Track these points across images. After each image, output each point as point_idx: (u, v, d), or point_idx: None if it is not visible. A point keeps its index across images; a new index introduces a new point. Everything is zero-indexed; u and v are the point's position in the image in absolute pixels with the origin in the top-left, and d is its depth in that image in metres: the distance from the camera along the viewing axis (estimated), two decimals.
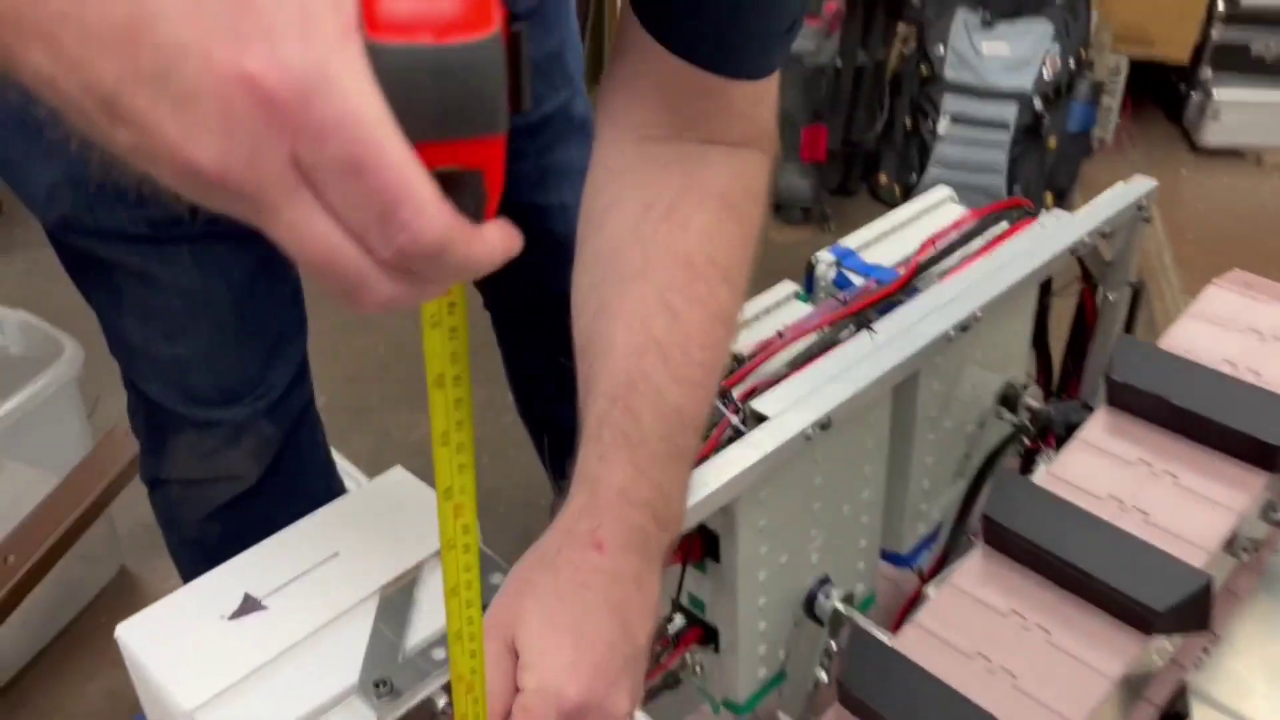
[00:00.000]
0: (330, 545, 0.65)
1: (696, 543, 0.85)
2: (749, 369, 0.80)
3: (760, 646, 0.91)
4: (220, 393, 0.90)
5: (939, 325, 0.85)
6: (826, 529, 0.91)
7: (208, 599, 0.62)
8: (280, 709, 0.56)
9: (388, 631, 0.60)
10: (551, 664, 0.53)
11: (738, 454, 0.74)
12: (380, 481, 0.70)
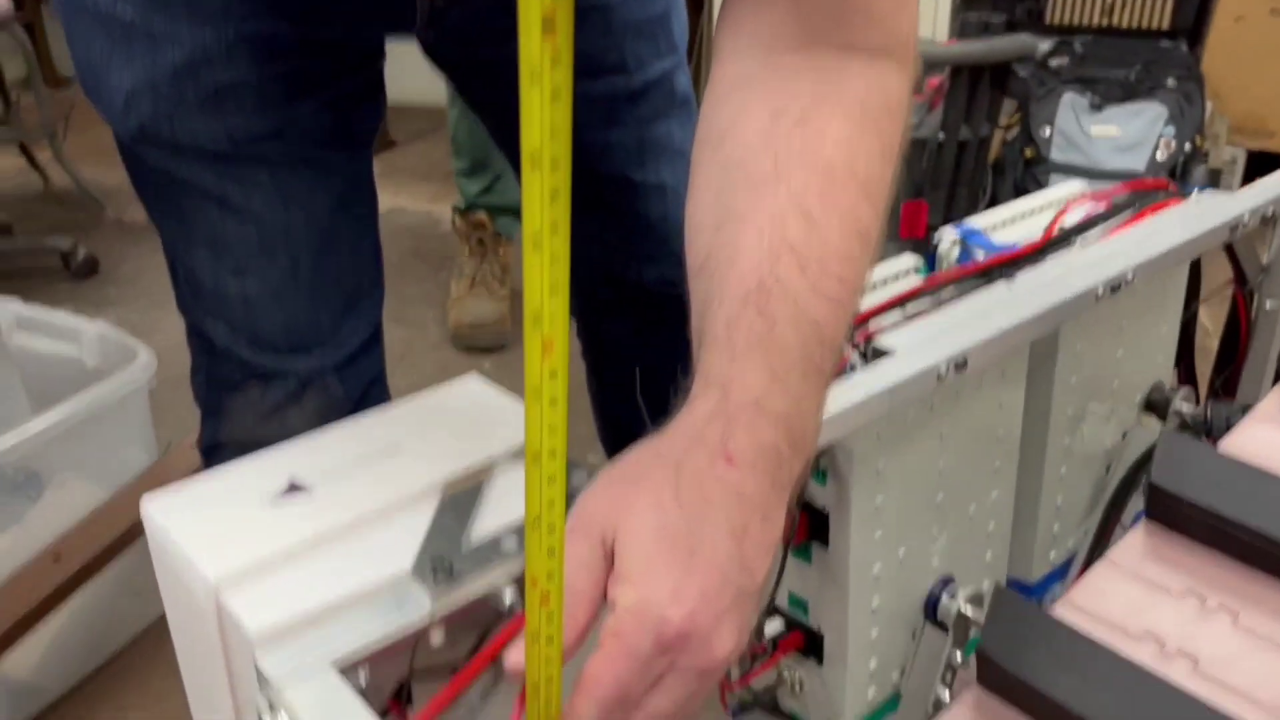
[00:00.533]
0: (391, 440, 0.57)
1: (801, 521, 0.75)
2: (872, 312, 0.72)
3: (871, 660, 0.80)
4: (289, 339, 0.85)
5: (1087, 280, 0.76)
6: (950, 529, 0.81)
7: (247, 481, 0.55)
8: (319, 590, 0.48)
9: (451, 520, 0.52)
10: (656, 581, 0.45)
11: (860, 379, 0.65)
12: (452, 385, 0.63)
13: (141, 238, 2.85)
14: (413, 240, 2.80)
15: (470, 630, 0.50)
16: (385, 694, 0.47)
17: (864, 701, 0.81)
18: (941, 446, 0.77)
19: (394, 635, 0.45)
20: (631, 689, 0.45)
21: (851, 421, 0.64)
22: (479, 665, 0.47)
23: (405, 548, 0.50)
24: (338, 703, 0.42)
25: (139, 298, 2.55)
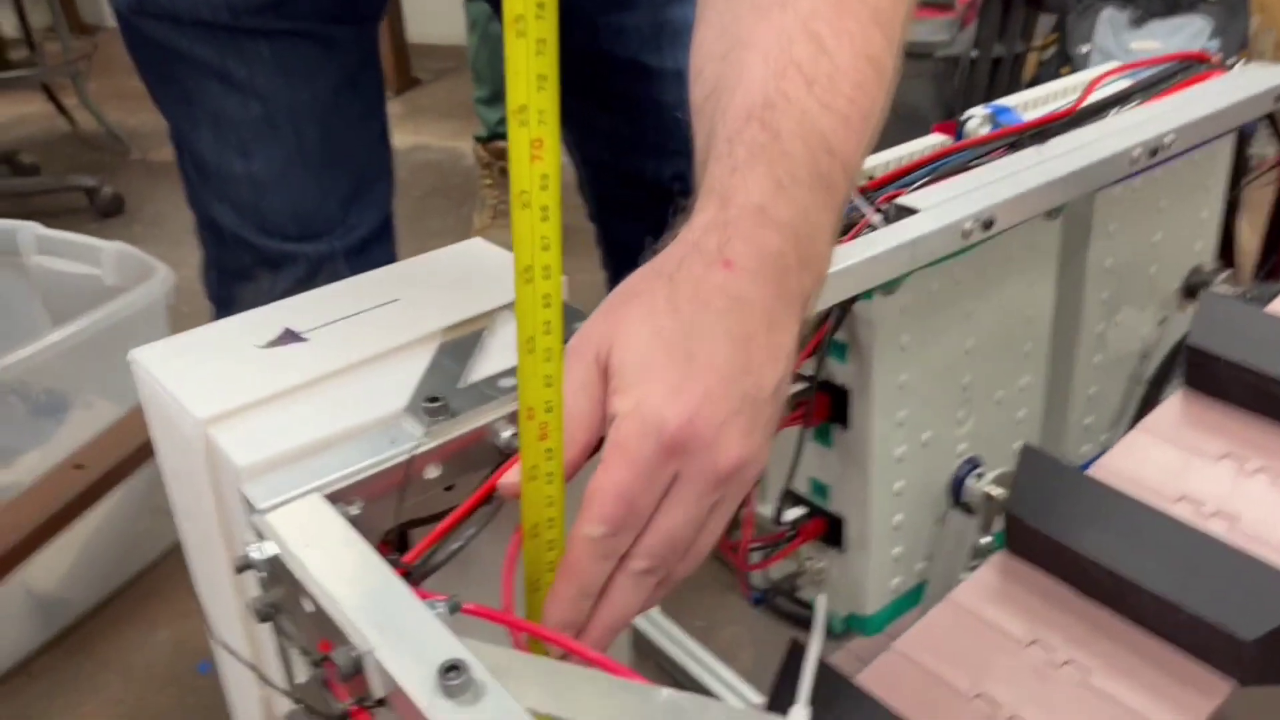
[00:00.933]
0: (391, 294, 0.56)
1: (821, 402, 0.73)
2: (896, 174, 0.69)
3: (895, 546, 0.78)
4: (297, 222, 0.83)
5: (1123, 142, 0.72)
6: (977, 413, 0.78)
7: (241, 332, 0.54)
8: (308, 426, 0.47)
9: (449, 363, 0.50)
10: (653, 385, 0.43)
11: (882, 235, 0.62)
12: (455, 247, 0.61)
13: (166, 178, 2.84)
14: (435, 177, 2.78)
15: (470, 476, 0.48)
16: (379, 535, 0.46)
17: (887, 590, 0.79)
18: (968, 325, 0.74)
19: (384, 464, 0.44)
20: (638, 501, 0.43)
21: (873, 275, 0.61)
22: (472, 503, 0.45)
23: (401, 391, 0.49)
24: (323, 525, 0.41)
25: (163, 237, 2.55)
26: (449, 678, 0.33)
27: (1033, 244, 0.76)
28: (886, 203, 0.66)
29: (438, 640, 0.35)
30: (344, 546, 0.40)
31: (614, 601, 0.45)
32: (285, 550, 0.40)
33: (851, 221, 0.65)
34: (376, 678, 0.36)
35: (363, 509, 0.44)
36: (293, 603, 0.41)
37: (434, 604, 0.38)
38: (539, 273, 0.41)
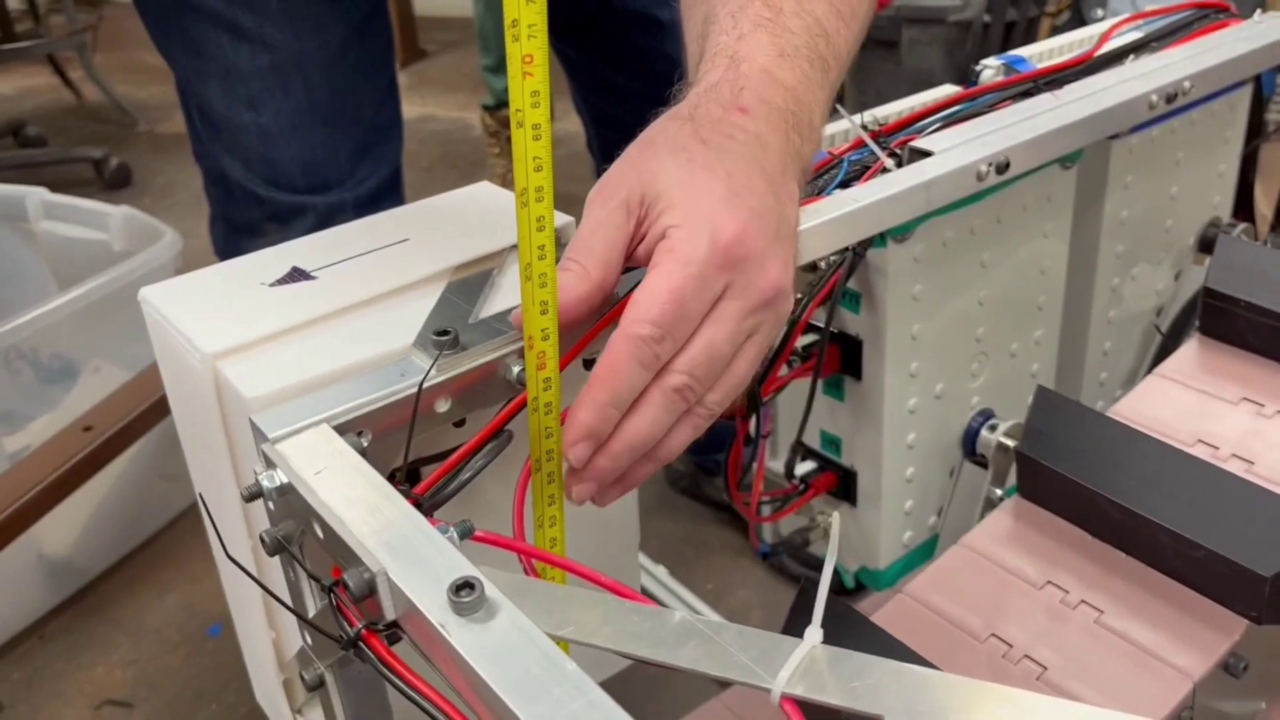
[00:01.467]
0: (400, 234, 0.56)
1: (832, 353, 0.72)
2: (909, 119, 0.69)
3: (907, 500, 0.78)
4: (306, 175, 0.83)
5: (1140, 88, 0.72)
6: (991, 366, 0.78)
7: (249, 271, 0.54)
8: (317, 360, 0.47)
9: (459, 299, 0.50)
10: (702, 198, 0.44)
11: (896, 176, 0.61)
12: (464, 190, 0.61)
13: (174, 151, 2.84)
14: (443, 147, 2.77)
15: (481, 413, 0.48)
16: (390, 470, 0.45)
17: (899, 544, 0.79)
18: (983, 276, 0.74)
19: (393, 396, 0.44)
20: (688, 305, 0.43)
21: (887, 217, 0.61)
22: (484, 436, 0.45)
23: (410, 327, 0.49)
24: (333, 454, 0.41)
25: (172, 209, 2.55)
26: (461, 595, 0.33)
27: (1048, 195, 0.75)
28: (900, 147, 0.66)
29: (449, 560, 0.35)
30: (354, 473, 0.40)
31: (642, 416, 0.44)
32: (295, 477, 0.40)
33: (864, 166, 0.64)
34: (388, 599, 0.36)
35: (372, 441, 0.44)
36: (303, 533, 0.41)
37: (445, 527, 0.38)
38: (532, 195, 0.41)
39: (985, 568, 0.54)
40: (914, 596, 0.53)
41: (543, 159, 0.41)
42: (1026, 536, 0.55)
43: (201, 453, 0.52)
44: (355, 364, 0.46)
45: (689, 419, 0.46)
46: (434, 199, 0.60)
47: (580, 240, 0.46)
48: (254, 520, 0.50)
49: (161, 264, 1.31)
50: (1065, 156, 0.73)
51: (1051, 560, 0.54)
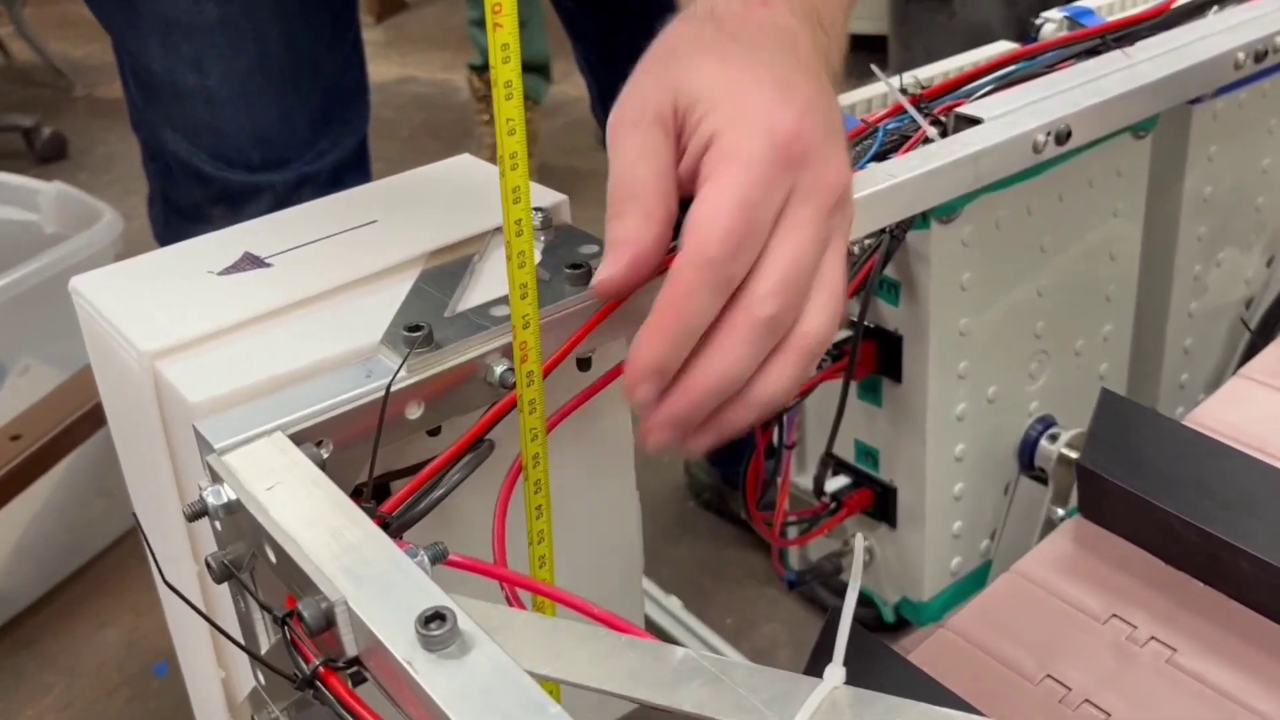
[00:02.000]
0: (369, 214, 0.56)
1: (868, 352, 0.73)
2: (956, 81, 0.69)
3: (954, 521, 0.78)
4: (261, 148, 0.84)
5: (1224, 44, 0.72)
6: (1053, 367, 0.79)
7: (196, 257, 0.54)
8: (270, 360, 0.47)
9: (433, 290, 0.51)
10: (748, 95, 0.45)
11: (939, 148, 0.62)
12: (442, 163, 0.62)
13: (117, 118, 2.85)
14: (425, 113, 2.78)
15: (459, 420, 0.48)
16: (354, 485, 0.46)
17: (945, 572, 0.80)
18: (1042, 262, 0.74)
19: (357, 401, 0.44)
20: (757, 211, 0.43)
21: (928, 195, 0.61)
22: (460, 447, 0.46)
23: (377, 322, 0.49)
24: (288, 466, 0.41)
25: (114, 184, 2.57)
26: (431, 628, 0.34)
27: (1118, 168, 0.75)
28: (945, 113, 0.66)
29: (418, 588, 0.36)
30: (312, 488, 0.40)
31: (725, 352, 0.44)
32: (244, 493, 0.40)
33: (903, 135, 0.65)
34: (349, 632, 0.36)
35: (334, 452, 0.44)
36: (254, 558, 0.42)
37: (414, 551, 0.38)
38: (507, 163, 0.42)
39: (1040, 599, 0.54)
40: (957, 631, 0.54)
41: (516, 121, 0.42)
42: (1088, 563, 0.56)
43: (140, 466, 0.52)
44: (315, 364, 0.47)
45: (792, 355, 0.45)
46: (407, 174, 0.60)
47: (622, 179, 0.46)
48: (199, 543, 0.51)
49: (99, 249, 1.32)
50: (1138, 124, 0.73)
51: (1117, 590, 0.54)
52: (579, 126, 2.57)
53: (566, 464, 0.53)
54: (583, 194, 0.70)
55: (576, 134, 2.56)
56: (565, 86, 2.65)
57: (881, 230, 0.66)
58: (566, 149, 2.49)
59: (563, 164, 2.42)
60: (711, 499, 1.43)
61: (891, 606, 0.82)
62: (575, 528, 0.55)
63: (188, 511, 0.41)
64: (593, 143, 2.48)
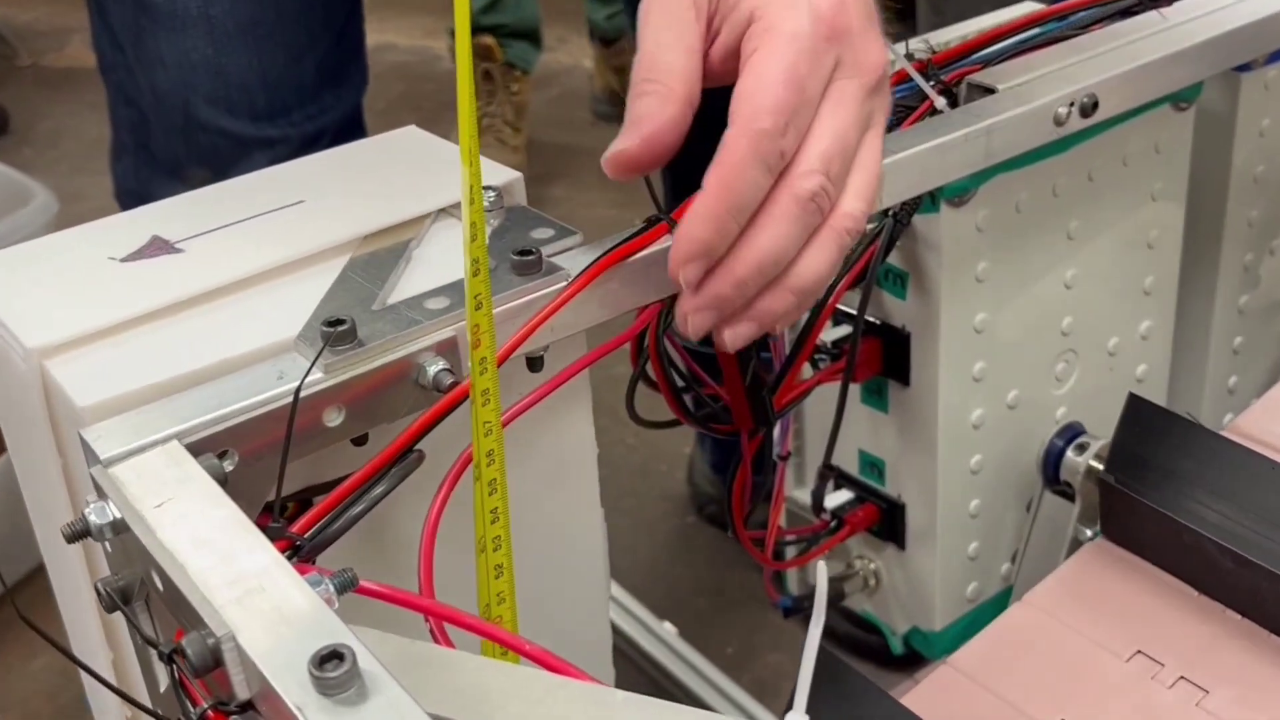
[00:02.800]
0: (298, 193, 0.56)
1: (871, 350, 0.72)
2: (969, 46, 0.68)
3: (970, 541, 0.78)
4: (265, 92, 0.84)
5: (1275, 4, 0.71)
6: (1082, 369, 0.78)
7: (98, 241, 0.53)
8: (171, 359, 0.46)
9: (361, 279, 0.50)
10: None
11: (948, 119, 0.61)
12: (386, 136, 0.61)
13: (63, 89, 2.87)
14: (403, 84, 2.78)
15: (389, 427, 0.47)
16: (263, 503, 0.45)
17: (960, 599, 0.79)
18: (1070, 250, 0.74)
19: (267, 405, 0.43)
20: (806, 84, 0.47)
21: (936, 173, 0.61)
22: (385, 457, 0.45)
23: (299, 315, 0.48)
24: (181, 480, 0.40)
25: (60, 161, 2.57)
26: (326, 669, 0.32)
27: (1156, 143, 0.75)
28: (955, 81, 0.65)
29: (316, 622, 0.34)
30: (207, 506, 0.39)
31: (768, 230, 0.47)
32: (130, 510, 0.39)
33: (908, 107, 0.64)
34: (239, 672, 0.35)
35: (240, 465, 0.43)
36: (143, 585, 0.41)
37: (317, 579, 0.37)
38: (467, 131, 0.41)
39: (1055, 632, 0.53)
40: (960, 669, 0.53)
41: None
42: (1110, 591, 0.55)
43: (33, 478, 0.51)
44: (222, 364, 0.46)
45: (830, 236, 0.49)
46: (341, 149, 0.60)
47: (646, 58, 0.49)
48: (99, 566, 0.50)
49: (27, 234, 1.31)
50: (1178, 94, 0.72)
51: (1142, 623, 0.53)
52: (573, 99, 2.57)
53: (519, 474, 0.52)
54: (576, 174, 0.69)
55: (570, 107, 2.55)
56: (559, 54, 2.64)
57: (884, 213, 0.65)
58: (559, 123, 2.48)
59: (554, 140, 2.41)
60: (716, 512, 1.43)
61: (900, 637, 0.81)
62: (529, 546, 0.54)
63: (67, 532, 0.41)
64: (588, 117, 2.48)
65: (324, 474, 0.48)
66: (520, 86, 2.33)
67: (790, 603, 0.82)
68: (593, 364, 0.53)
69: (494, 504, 0.47)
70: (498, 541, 0.48)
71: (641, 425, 0.67)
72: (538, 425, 0.53)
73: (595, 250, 0.52)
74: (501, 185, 0.55)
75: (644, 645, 1.23)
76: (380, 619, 0.41)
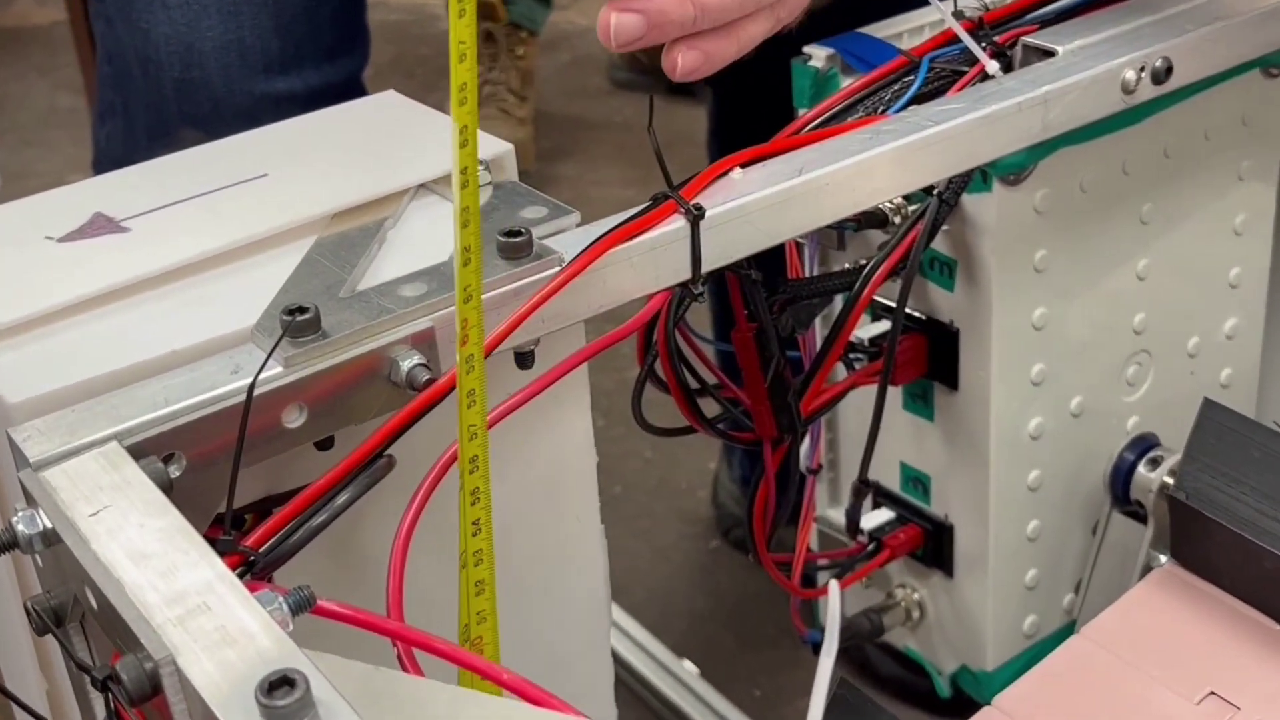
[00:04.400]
0: (256, 166, 0.57)
1: (914, 349, 0.72)
2: (1028, 2, 0.69)
3: (1028, 568, 0.79)
4: (279, 36, 0.85)
5: None
6: (1156, 372, 0.79)
7: (34, 217, 0.55)
8: (115, 352, 0.47)
9: (328, 263, 0.51)
10: None
11: (1000, 86, 0.62)
12: (359, 103, 0.63)
13: (8, 52, 2.89)
14: (396, 46, 2.79)
15: (357, 429, 0.48)
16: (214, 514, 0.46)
17: (1017, 634, 0.80)
18: (1143, 236, 0.75)
19: (219, 403, 0.44)
20: None
21: (987, 146, 0.61)
22: (352, 463, 0.46)
23: (257, 302, 0.49)
24: (119, 486, 0.41)
25: (6, 132, 2.60)
26: (275, 696, 0.33)
27: (1243, 115, 0.75)
28: (1009, 43, 0.66)
29: (266, 645, 0.35)
30: (147, 515, 0.40)
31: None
32: (62, 519, 0.40)
33: (956, 71, 0.64)
34: (179, 700, 0.36)
35: (188, 470, 0.44)
36: (77, 603, 0.41)
37: (269, 597, 0.38)
38: (456, 96, 0.42)
39: (1115, 670, 0.54)
40: (1007, 712, 0.53)
41: (467, 45, 0.42)
42: (1180, 623, 0.55)
43: None
44: (169, 356, 0.47)
45: None
46: (310, 116, 0.61)
47: None
48: (31, 584, 0.51)
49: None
50: (1268, 57, 0.72)
51: (1215, 659, 0.53)
52: (587, 64, 2.58)
53: (507, 482, 0.53)
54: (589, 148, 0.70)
55: (584, 73, 2.56)
56: (571, 14, 2.65)
57: (928, 190, 0.65)
58: (571, 92, 2.50)
59: (566, 111, 2.42)
60: (743, 537, 1.43)
61: (948, 677, 0.81)
62: (518, 563, 0.55)
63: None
64: (604, 85, 2.49)
65: (285, 482, 0.49)
66: (526, 50, 2.34)
67: (820, 637, 0.82)
68: (592, 358, 0.54)
69: (476, 514, 0.48)
70: (479, 556, 0.49)
71: (650, 431, 0.67)
72: (528, 428, 0.54)
73: (594, 231, 0.52)
74: (490, 159, 0.56)
75: (660, 686, 1.24)
76: (346, 646, 0.42)
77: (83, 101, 2.27)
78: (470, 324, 0.45)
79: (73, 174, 2.45)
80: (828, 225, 0.62)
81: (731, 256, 0.56)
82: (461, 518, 0.48)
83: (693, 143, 1.35)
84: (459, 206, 0.43)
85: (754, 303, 0.63)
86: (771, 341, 0.64)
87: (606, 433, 0.59)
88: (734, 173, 0.56)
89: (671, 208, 0.53)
